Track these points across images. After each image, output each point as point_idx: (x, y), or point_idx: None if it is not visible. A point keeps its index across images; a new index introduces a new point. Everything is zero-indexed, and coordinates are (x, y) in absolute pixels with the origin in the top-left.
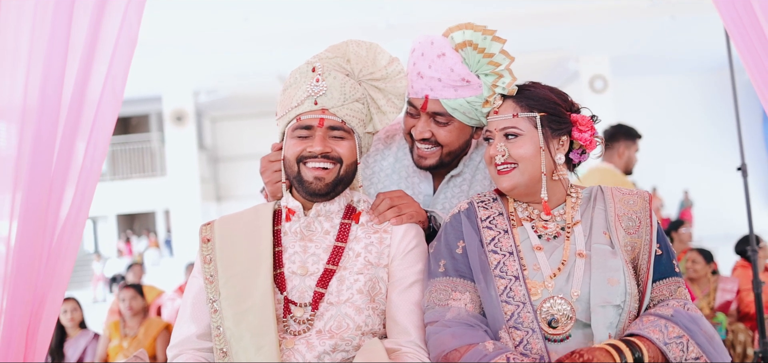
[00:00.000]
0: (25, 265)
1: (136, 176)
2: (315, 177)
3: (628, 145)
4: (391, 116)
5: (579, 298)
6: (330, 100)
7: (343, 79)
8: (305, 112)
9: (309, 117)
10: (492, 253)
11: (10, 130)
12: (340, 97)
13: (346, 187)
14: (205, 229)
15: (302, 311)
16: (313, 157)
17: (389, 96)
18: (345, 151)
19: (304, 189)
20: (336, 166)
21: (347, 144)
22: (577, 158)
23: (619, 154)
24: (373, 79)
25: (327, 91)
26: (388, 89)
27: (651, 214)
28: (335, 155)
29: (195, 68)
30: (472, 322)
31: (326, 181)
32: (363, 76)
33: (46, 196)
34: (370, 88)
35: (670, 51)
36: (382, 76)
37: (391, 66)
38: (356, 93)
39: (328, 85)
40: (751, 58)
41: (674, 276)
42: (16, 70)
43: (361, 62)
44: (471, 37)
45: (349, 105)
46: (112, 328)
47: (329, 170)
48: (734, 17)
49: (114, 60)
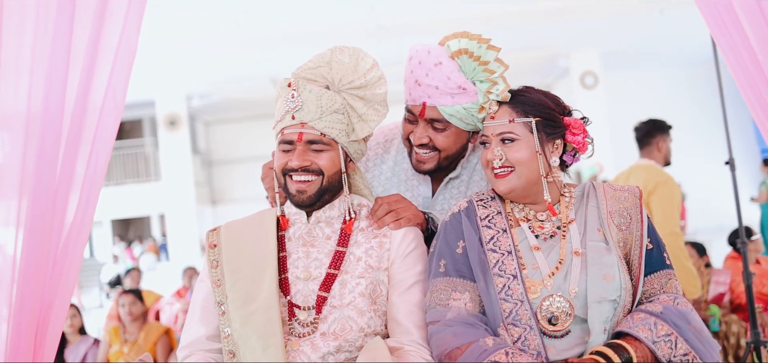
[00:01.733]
0: (31, 271)
1: (131, 181)
2: (297, 190)
3: (663, 138)
4: (373, 124)
5: (577, 295)
6: (307, 114)
7: (320, 92)
8: (286, 127)
9: (289, 132)
10: (491, 251)
11: (15, 138)
12: (316, 111)
13: (334, 196)
14: (211, 234)
15: (306, 314)
16: (294, 171)
17: (371, 103)
18: (325, 163)
19: (291, 200)
20: (318, 177)
21: (328, 155)
22: (570, 160)
23: (658, 149)
24: (353, 87)
25: (303, 106)
26: (368, 97)
27: (641, 209)
28: (315, 168)
29: (188, 73)
30: (473, 321)
31: (309, 194)
32: (343, 86)
33: (52, 203)
34: (350, 97)
35: (660, 45)
36: (362, 83)
37: (371, 72)
38: (334, 104)
39: (303, 100)
40: (733, 55)
41: (665, 268)
42: (19, 79)
43: (342, 70)
44: (467, 45)
45: (327, 117)
46: (112, 334)
47: (311, 182)
48: (716, 17)
49: (114, 69)
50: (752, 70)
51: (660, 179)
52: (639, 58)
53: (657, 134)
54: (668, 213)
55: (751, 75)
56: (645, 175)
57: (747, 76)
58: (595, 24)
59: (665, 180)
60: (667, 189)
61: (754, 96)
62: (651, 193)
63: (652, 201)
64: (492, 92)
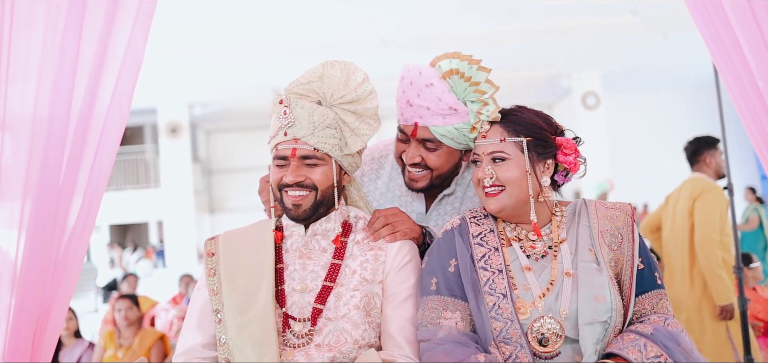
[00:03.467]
0: (32, 273)
1: (130, 187)
2: (293, 204)
3: (711, 153)
4: (365, 138)
5: (568, 317)
6: (299, 130)
7: (311, 108)
8: (280, 143)
9: (283, 147)
10: (482, 269)
11: (20, 141)
12: (308, 127)
13: (328, 209)
14: (210, 243)
15: (301, 326)
16: (289, 186)
17: (362, 117)
18: (319, 177)
19: (287, 214)
20: (312, 192)
21: (321, 170)
22: (561, 180)
23: (706, 164)
24: (344, 102)
25: (295, 122)
26: (360, 111)
27: (633, 228)
28: (309, 183)
29: (190, 81)
30: (463, 340)
31: (304, 208)
32: (334, 101)
33: (55, 206)
34: (341, 111)
35: (662, 68)
36: (353, 98)
37: (362, 87)
38: (326, 119)
39: (295, 116)
40: (734, 82)
41: (656, 289)
42: (27, 83)
43: (333, 84)
44: (458, 66)
45: (319, 132)
46: (106, 338)
47: (306, 197)
48: (716, 40)
49: (121, 77)
50: (752, 98)
51: (706, 187)
52: (641, 81)
53: (704, 150)
54: (707, 218)
55: (752, 102)
56: (693, 185)
57: (747, 103)
58: (597, 45)
59: (710, 188)
60: (711, 196)
61: (754, 124)
62: (696, 199)
63: (696, 206)
64: (482, 112)
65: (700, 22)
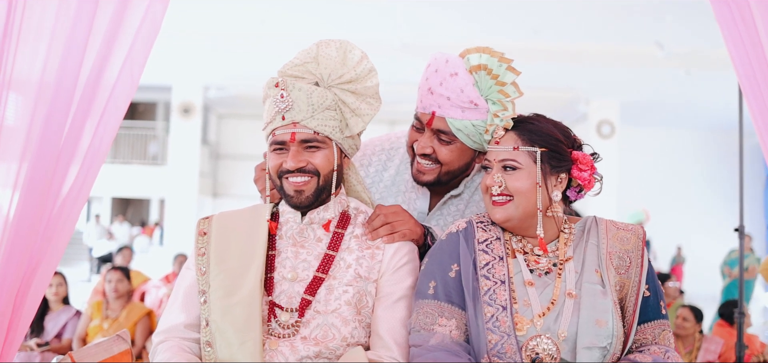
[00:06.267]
0: (22, 233)
1: (137, 162)
2: (295, 191)
3: None
4: (367, 118)
5: (566, 339)
6: (298, 113)
7: (310, 90)
8: (278, 128)
9: (281, 132)
10: (484, 278)
11: (25, 103)
12: (307, 109)
13: (330, 195)
14: (203, 222)
15: (288, 316)
16: (290, 172)
17: (362, 96)
18: (321, 162)
19: (288, 202)
20: (313, 178)
21: (323, 154)
22: (573, 196)
23: None
24: (343, 82)
25: (293, 105)
26: (360, 90)
27: (643, 252)
28: (311, 168)
29: (208, 63)
30: (456, 350)
31: (306, 194)
32: (332, 81)
33: (52, 170)
34: (341, 92)
35: (680, 105)
36: (352, 77)
37: (361, 65)
38: (325, 101)
39: (293, 99)
40: (762, 119)
41: (660, 318)
42: (38, 46)
43: (330, 65)
44: (487, 61)
45: (319, 115)
46: (94, 308)
47: (308, 182)
48: (749, 76)
49: (135, 45)
50: None
51: None
52: (657, 115)
53: None
54: None
55: None
56: None
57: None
58: (618, 74)
59: None
60: None
61: None
62: None
63: None
64: (499, 116)
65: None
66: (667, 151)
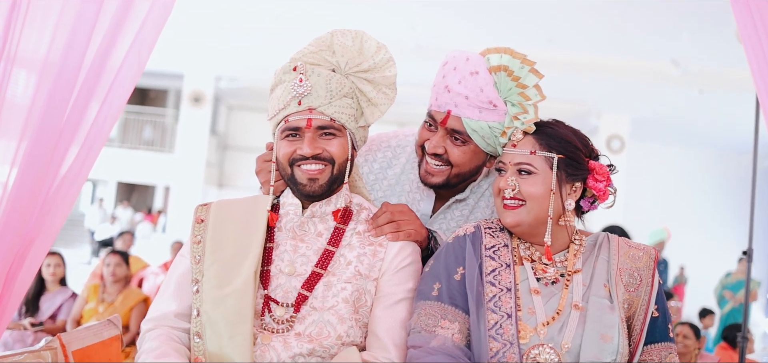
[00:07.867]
0: (18, 210)
1: (144, 148)
2: (309, 178)
3: None
4: (383, 108)
5: (569, 351)
6: (316, 99)
7: (328, 76)
8: (293, 114)
9: (296, 118)
10: (489, 284)
11: (29, 79)
12: (326, 95)
13: (341, 185)
14: (200, 209)
15: (283, 311)
16: (304, 160)
17: (379, 86)
18: (336, 150)
19: (299, 191)
20: (328, 166)
21: (338, 142)
22: (587, 206)
23: None
24: (361, 70)
25: (312, 91)
26: (378, 79)
27: (654, 273)
28: (327, 156)
29: (220, 53)
30: (457, 355)
31: (321, 183)
32: (350, 69)
33: (52, 149)
34: (358, 80)
35: (692, 124)
36: (370, 66)
37: (379, 55)
38: (343, 88)
39: (312, 84)
40: None
41: (667, 341)
42: (45, 23)
43: (347, 54)
44: (508, 62)
45: (336, 102)
46: (90, 291)
47: (322, 171)
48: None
49: (144, 29)
50: None
51: None
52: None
53: None
54: None
55: None
56: None
57: None
58: (631, 89)
59: None
60: None
61: None
62: None
63: None
64: (519, 118)
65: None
66: (675, 169)
